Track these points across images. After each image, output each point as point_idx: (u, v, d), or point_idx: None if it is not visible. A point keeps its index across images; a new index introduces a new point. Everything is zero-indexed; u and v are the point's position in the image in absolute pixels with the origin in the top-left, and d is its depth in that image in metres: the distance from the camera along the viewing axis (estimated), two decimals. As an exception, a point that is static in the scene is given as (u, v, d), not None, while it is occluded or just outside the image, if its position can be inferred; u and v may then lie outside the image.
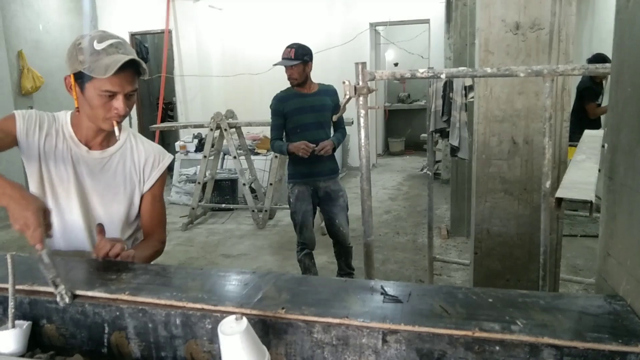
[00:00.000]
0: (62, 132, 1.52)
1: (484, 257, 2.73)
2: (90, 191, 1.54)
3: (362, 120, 1.95)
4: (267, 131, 7.12)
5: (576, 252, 4.20)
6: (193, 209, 5.67)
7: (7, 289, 1.11)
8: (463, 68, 1.75)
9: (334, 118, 2.99)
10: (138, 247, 1.59)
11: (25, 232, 1.15)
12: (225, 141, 5.60)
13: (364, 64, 1.91)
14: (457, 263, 3.93)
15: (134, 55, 1.39)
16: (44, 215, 1.18)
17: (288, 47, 3.51)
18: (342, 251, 3.70)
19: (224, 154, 6.25)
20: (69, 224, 1.53)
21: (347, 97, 1.97)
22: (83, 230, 1.54)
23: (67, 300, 1.11)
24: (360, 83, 1.90)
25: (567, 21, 2.36)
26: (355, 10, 7.97)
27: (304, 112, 3.46)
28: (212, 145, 5.59)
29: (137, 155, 1.61)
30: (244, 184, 5.59)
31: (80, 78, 1.40)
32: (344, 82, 1.94)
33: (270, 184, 5.42)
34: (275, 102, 3.57)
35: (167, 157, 1.67)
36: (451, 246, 4.67)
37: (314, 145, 3.37)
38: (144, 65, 1.43)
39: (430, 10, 7.66)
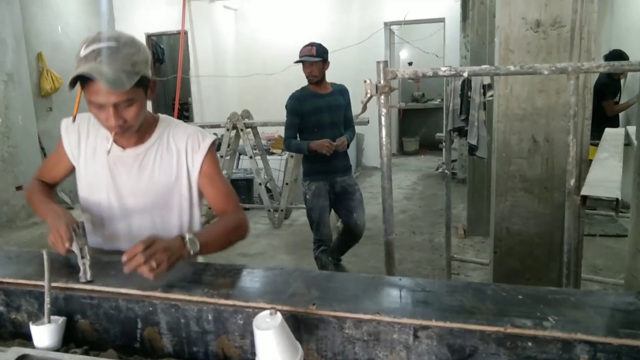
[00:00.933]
0: (100, 133, 1.47)
1: (503, 255, 2.72)
2: (128, 192, 1.48)
3: (383, 119, 1.96)
4: (282, 131, 7.18)
5: (595, 251, 4.16)
6: (209, 208, 5.70)
7: (42, 285, 1.14)
8: (485, 66, 1.75)
9: (355, 117, 3.03)
10: (209, 227, 1.48)
11: (57, 240, 1.27)
12: (241, 141, 5.64)
13: (385, 62, 1.91)
14: (475, 262, 3.91)
15: (114, 66, 1.23)
16: (76, 226, 1.29)
17: (308, 45, 3.58)
18: (351, 244, 3.78)
19: (240, 154, 6.29)
20: (114, 227, 1.51)
21: (369, 95, 1.98)
22: (124, 231, 1.51)
23: (88, 276, 1.19)
24: (382, 82, 1.91)
25: (589, 18, 2.35)
26: (370, 9, 7.97)
27: (321, 112, 3.50)
28: (228, 145, 5.62)
29: (176, 144, 1.49)
30: (260, 184, 5.61)
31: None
32: (365, 81, 1.95)
33: (286, 184, 5.44)
34: (293, 102, 3.59)
35: (209, 138, 1.52)
36: (468, 246, 4.65)
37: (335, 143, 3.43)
38: (122, 79, 1.24)
39: (446, 9, 7.63)
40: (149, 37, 8.30)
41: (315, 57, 3.47)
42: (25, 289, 1.21)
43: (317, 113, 3.50)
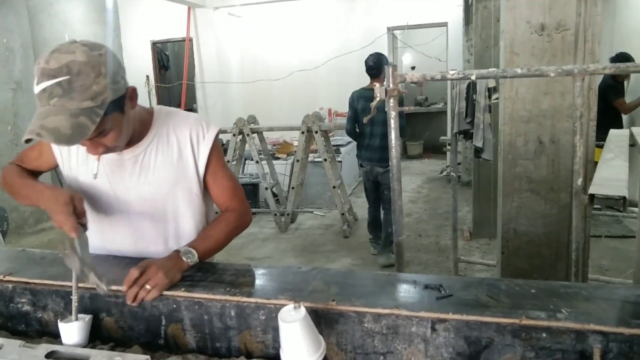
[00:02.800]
0: None
1: (510, 256, 2.75)
2: (131, 197, 1.37)
3: (392, 122, 2.00)
4: (286, 136, 7.23)
5: (601, 252, 4.18)
6: (216, 212, 5.74)
7: (68, 285, 1.18)
8: (493, 69, 1.78)
9: (365, 120, 3.14)
10: (208, 230, 1.42)
11: (62, 226, 1.18)
12: (247, 146, 5.68)
13: (394, 66, 1.96)
14: (482, 264, 3.94)
15: (71, 109, 1.07)
16: (77, 203, 1.20)
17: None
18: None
19: (245, 159, 6.34)
20: (119, 235, 1.42)
21: (378, 99, 2.03)
22: (144, 237, 1.42)
23: (104, 288, 1.14)
24: (391, 85, 1.95)
25: (593, 21, 2.39)
26: (373, 15, 8.03)
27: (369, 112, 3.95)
28: (235, 150, 5.67)
29: (177, 136, 1.38)
30: (266, 188, 5.66)
31: None
32: (374, 85, 2.00)
33: (292, 188, 5.48)
34: (352, 97, 4.30)
35: (213, 127, 1.41)
36: (474, 248, 4.68)
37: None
38: (82, 123, 1.07)
39: (448, 14, 7.68)
40: (154, 44, 8.40)
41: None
42: (52, 289, 1.25)
43: (366, 112, 4.01)
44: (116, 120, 1.17)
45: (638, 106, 5.05)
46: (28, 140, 1.11)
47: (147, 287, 1.15)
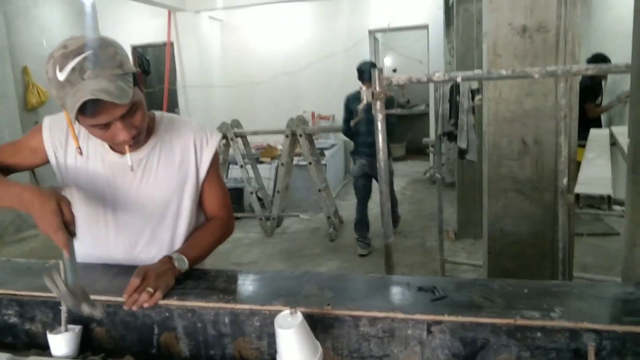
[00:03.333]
0: (92, 138, 1.32)
1: (497, 256, 2.78)
2: (130, 202, 1.35)
3: (379, 124, 2.00)
4: (269, 139, 7.22)
5: (584, 250, 4.24)
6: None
7: (56, 296, 1.15)
8: (478, 71, 1.80)
9: (352, 123, 3.22)
10: (196, 237, 1.41)
11: (51, 235, 1.08)
12: (231, 150, 5.66)
13: (380, 69, 1.97)
14: (468, 264, 3.97)
15: (107, 76, 1.11)
16: (65, 209, 1.10)
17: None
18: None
19: (229, 164, 6.30)
20: (112, 242, 1.39)
21: (364, 102, 2.03)
22: (138, 243, 1.40)
23: (99, 314, 1.07)
24: (378, 88, 1.96)
25: (573, 23, 2.43)
26: (355, 17, 8.06)
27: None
28: (219, 155, 5.63)
29: (180, 142, 1.38)
30: (251, 192, 5.63)
31: None
32: (360, 88, 2.00)
33: (278, 192, 5.46)
34: (346, 100, 4.52)
35: (216, 134, 1.43)
36: (459, 248, 4.71)
37: None
38: (122, 87, 1.12)
39: (429, 16, 7.74)
40: (134, 48, 8.31)
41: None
42: (40, 299, 1.22)
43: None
44: (139, 96, 1.20)
45: (605, 111, 5.15)
46: (82, 108, 1.08)
47: (150, 289, 1.13)
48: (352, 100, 4.46)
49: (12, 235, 5.82)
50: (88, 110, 1.10)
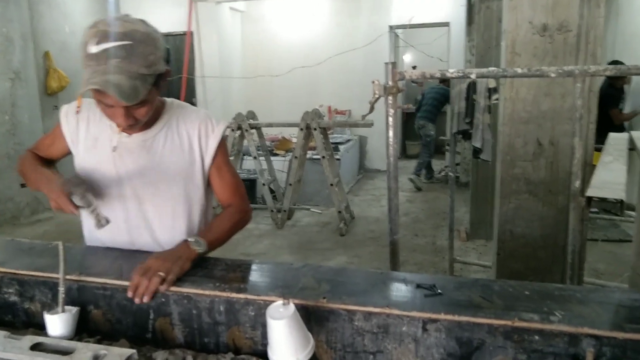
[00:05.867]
0: (102, 121, 1.38)
1: (507, 258, 2.74)
2: (135, 182, 1.38)
3: (390, 119, 1.98)
4: (285, 132, 7.22)
5: (597, 256, 4.17)
6: (213, 208, 5.72)
7: (56, 277, 1.16)
8: (493, 68, 1.77)
9: (362, 117, 3.12)
10: (213, 222, 1.44)
11: (59, 206, 1.24)
12: (245, 141, 5.66)
13: (394, 63, 1.93)
14: (478, 265, 3.93)
15: (129, 72, 1.16)
16: (72, 181, 1.26)
17: None
18: None
19: (243, 155, 6.31)
20: (124, 222, 1.42)
21: (377, 96, 2.01)
22: (140, 226, 1.42)
23: (103, 221, 1.26)
24: (390, 83, 1.93)
25: (595, 23, 2.37)
26: (376, 13, 8.00)
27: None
28: (233, 146, 5.65)
29: (187, 128, 1.41)
30: (264, 184, 5.63)
31: None
32: (373, 82, 1.98)
33: (290, 185, 5.46)
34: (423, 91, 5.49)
35: (222, 122, 1.45)
36: (470, 249, 4.66)
37: None
38: (136, 87, 1.17)
39: (450, 14, 7.65)
40: (154, 37, 8.33)
41: None
42: (40, 279, 1.23)
43: None
44: (153, 95, 1.26)
45: (631, 118, 5.06)
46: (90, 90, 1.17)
47: (161, 273, 1.13)
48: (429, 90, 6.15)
49: (28, 217, 5.91)
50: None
